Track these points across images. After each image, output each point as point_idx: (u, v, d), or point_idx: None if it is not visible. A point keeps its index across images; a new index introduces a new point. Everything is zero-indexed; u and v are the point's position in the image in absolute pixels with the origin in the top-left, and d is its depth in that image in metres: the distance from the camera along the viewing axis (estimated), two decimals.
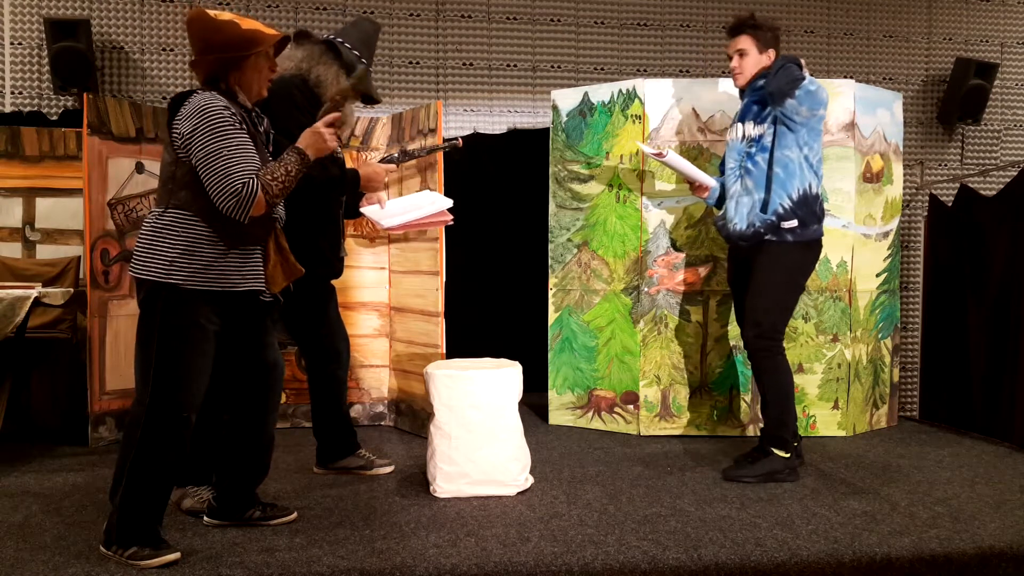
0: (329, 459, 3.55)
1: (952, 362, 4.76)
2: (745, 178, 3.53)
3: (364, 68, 3.32)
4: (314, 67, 3.22)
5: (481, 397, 3.20)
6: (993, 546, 2.66)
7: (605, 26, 5.22)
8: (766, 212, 3.45)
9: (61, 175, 4.63)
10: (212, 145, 2.43)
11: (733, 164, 3.61)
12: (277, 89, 3.13)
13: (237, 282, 2.54)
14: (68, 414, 4.30)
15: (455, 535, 2.73)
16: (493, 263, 5.55)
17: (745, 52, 3.54)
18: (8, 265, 4.50)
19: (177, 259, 2.46)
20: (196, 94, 2.51)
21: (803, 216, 3.46)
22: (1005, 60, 5.62)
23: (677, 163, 3.70)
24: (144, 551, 2.44)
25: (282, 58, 3.24)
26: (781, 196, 3.45)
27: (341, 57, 3.26)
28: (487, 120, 5.10)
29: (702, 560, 2.53)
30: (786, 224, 3.44)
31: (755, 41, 3.53)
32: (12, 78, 4.67)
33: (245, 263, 2.56)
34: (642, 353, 4.32)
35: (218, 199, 2.43)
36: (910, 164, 5.43)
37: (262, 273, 2.60)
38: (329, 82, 3.21)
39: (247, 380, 2.72)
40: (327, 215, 3.31)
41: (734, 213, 3.54)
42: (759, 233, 3.47)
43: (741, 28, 3.56)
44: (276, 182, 2.48)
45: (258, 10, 4.85)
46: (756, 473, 3.40)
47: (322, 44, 3.28)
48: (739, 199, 3.53)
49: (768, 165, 3.47)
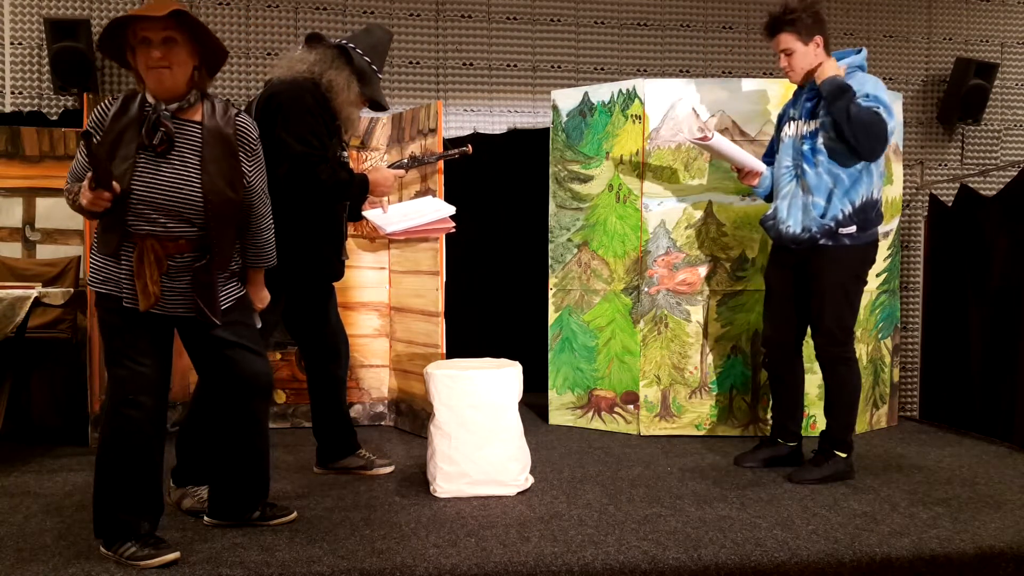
0: (329, 459, 3.55)
1: (952, 362, 4.76)
2: (802, 179, 3.37)
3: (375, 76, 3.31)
4: (326, 71, 3.20)
5: (481, 397, 3.20)
6: (993, 546, 2.66)
7: (605, 26, 5.22)
8: (825, 217, 3.32)
9: (61, 175, 4.54)
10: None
11: (789, 163, 3.43)
12: (289, 91, 3.14)
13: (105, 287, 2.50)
14: (68, 414, 4.30)
15: (455, 535, 2.73)
16: (493, 263, 5.55)
17: (791, 50, 3.34)
18: (8, 265, 4.50)
19: (92, 262, 2.55)
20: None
21: (861, 222, 3.34)
22: (1005, 60, 5.62)
23: (723, 147, 3.52)
24: (144, 551, 2.44)
25: (294, 60, 3.25)
26: (844, 203, 3.31)
27: (352, 63, 3.25)
28: (487, 120, 5.10)
29: (702, 560, 2.53)
30: (844, 230, 3.32)
31: (796, 35, 3.32)
32: (12, 78, 4.67)
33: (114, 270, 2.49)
34: (642, 353, 4.32)
35: None
36: (910, 164, 5.43)
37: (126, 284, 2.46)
38: (340, 87, 3.20)
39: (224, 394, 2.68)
40: (330, 218, 3.30)
41: (787, 215, 3.39)
42: (815, 238, 3.34)
43: (777, 26, 3.35)
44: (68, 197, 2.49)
45: (258, 10, 4.85)
46: (823, 475, 3.38)
47: (334, 49, 3.27)
48: (793, 200, 3.39)
49: (829, 170, 3.32)
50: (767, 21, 3.41)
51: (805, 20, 3.32)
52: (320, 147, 3.09)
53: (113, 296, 2.49)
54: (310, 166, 3.06)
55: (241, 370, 2.63)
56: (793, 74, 3.41)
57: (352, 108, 3.27)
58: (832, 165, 3.33)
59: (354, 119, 3.30)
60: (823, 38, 3.36)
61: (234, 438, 2.70)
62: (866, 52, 3.46)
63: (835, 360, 3.42)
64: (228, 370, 2.63)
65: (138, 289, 2.44)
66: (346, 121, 3.27)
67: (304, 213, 3.17)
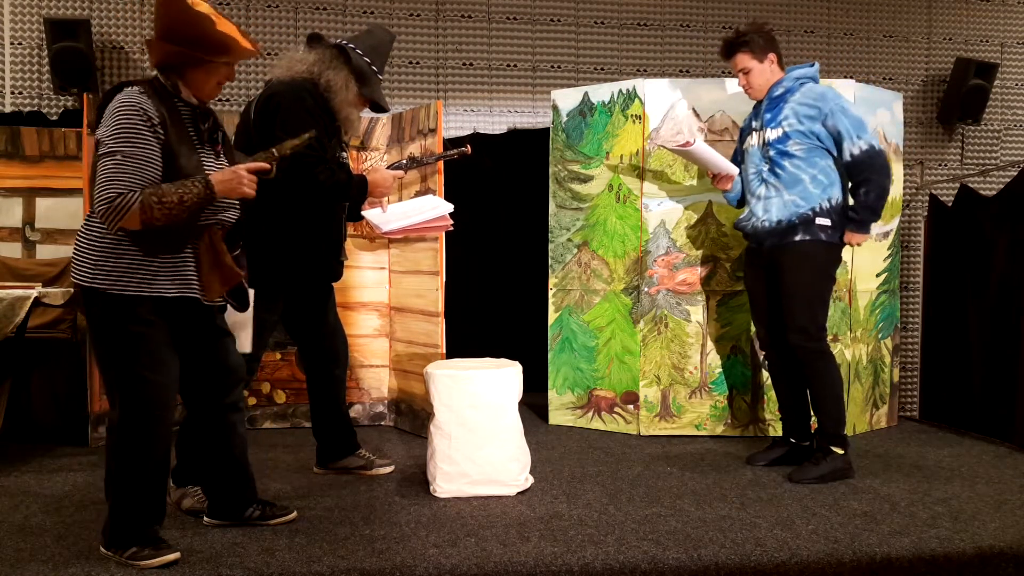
0: (329, 459, 3.55)
1: (952, 362, 4.76)
2: (772, 181, 3.50)
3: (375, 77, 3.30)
4: (324, 71, 3.19)
5: (481, 397, 3.20)
6: (993, 546, 2.66)
7: (605, 26, 5.22)
8: (802, 208, 3.43)
9: (61, 175, 4.62)
10: (112, 146, 2.32)
11: (754, 170, 3.58)
12: (288, 91, 3.13)
13: (166, 287, 2.43)
14: (68, 414, 4.30)
15: (455, 535, 2.73)
16: (493, 263, 5.55)
17: (748, 69, 3.54)
18: (8, 265, 4.50)
19: (102, 263, 2.38)
20: (122, 91, 2.40)
21: (836, 221, 3.46)
22: (1005, 60, 5.61)
23: (704, 153, 3.67)
24: (144, 551, 2.44)
25: (294, 60, 3.24)
26: (823, 196, 3.44)
27: (351, 63, 3.24)
28: (487, 120, 5.10)
29: (702, 560, 2.53)
30: (820, 221, 3.43)
31: (751, 54, 3.52)
32: (12, 78, 4.67)
33: (173, 268, 2.44)
34: (642, 353, 4.31)
35: (95, 202, 2.33)
36: (910, 164, 5.43)
37: (194, 279, 2.47)
38: (338, 87, 3.19)
39: (206, 385, 2.65)
40: (329, 218, 3.30)
41: (762, 211, 3.52)
42: (792, 226, 3.45)
43: (733, 49, 3.56)
44: (162, 205, 2.31)
45: (258, 10, 4.85)
46: (822, 473, 3.41)
47: (333, 48, 3.26)
48: (767, 199, 3.51)
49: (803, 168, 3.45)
50: (722, 46, 3.62)
51: (758, 41, 3.53)
52: (318, 148, 3.07)
53: (154, 298, 2.42)
54: (307, 167, 3.05)
55: (233, 361, 2.68)
56: (752, 91, 3.61)
57: (351, 109, 3.26)
58: (805, 164, 3.46)
59: (353, 119, 3.29)
60: (776, 55, 3.58)
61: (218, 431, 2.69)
62: (818, 66, 3.63)
63: (811, 355, 3.47)
64: (218, 359, 2.64)
65: (217, 278, 2.49)
66: (345, 121, 3.26)
67: (302, 214, 3.17)
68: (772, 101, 3.54)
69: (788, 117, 3.47)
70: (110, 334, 2.43)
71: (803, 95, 3.48)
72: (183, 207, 2.34)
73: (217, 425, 2.69)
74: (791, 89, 3.51)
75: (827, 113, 3.42)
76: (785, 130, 3.47)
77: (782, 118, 3.48)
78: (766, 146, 3.52)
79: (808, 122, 3.43)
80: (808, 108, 3.44)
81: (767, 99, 3.56)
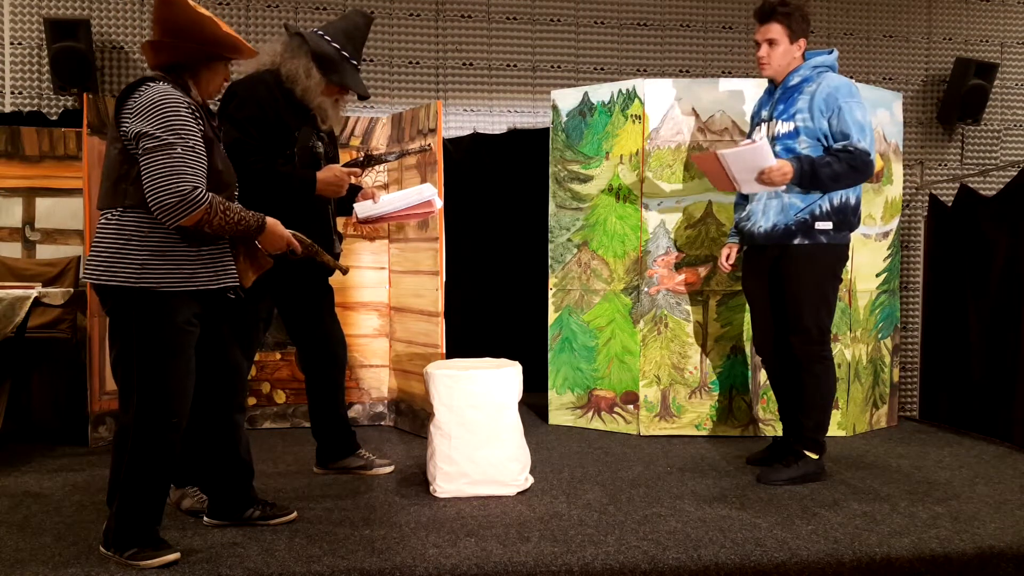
0: (329, 459, 3.55)
1: (952, 362, 4.76)
2: None
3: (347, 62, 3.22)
4: (285, 61, 3.16)
5: (481, 397, 3.20)
6: (993, 546, 2.66)
7: (605, 26, 5.22)
8: (801, 212, 3.33)
9: (61, 175, 4.63)
10: (167, 138, 2.29)
11: None
12: (243, 84, 3.12)
13: (210, 279, 2.46)
14: (68, 414, 4.30)
15: (455, 535, 2.73)
16: (493, 263, 5.54)
17: (775, 42, 3.34)
18: (8, 265, 4.50)
19: (149, 261, 2.35)
20: (149, 85, 2.38)
21: (838, 222, 3.36)
22: (1005, 60, 5.62)
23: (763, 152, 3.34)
24: (144, 551, 2.44)
25: (263, 53, 3.17)
26: (822, 200, 3.33)
27: (313, 50, 3.15)
28: (487, 120, 5.10)
29: (702, 560, 2.53)
30: (820, 225, 3.33)
31: (786, 30, 3.32)
32: (12, 78, 4.67)
33: (218, 260, 2.48)
34: (642, 353, 4.32)
35: (158, 194, 2.28)
36: (910, 164, 5.43)
37: (232, 268, 2.54)
38: (298, 76, 3.14)
39: (215, 381, 2.65)
40: (312, 214, 3.23)
41: (761, 214, 3.41)
42: (790, 231, 3.35)
43: (771, 13, 3.32)
44: (224, 216, 2.38)
45: (258, 10, 4.85)
46: (792, 476, 3.37)
47: (297, 37, 3.20)
48: (767, 200, 3.39)
49: None
50: (761, 5, 3.40)
51: (798, 18, 3.35)
52: (256, 137, 3.06)
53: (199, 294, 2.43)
54: (243, 154, 3.00)
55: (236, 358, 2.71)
56: (768, 68, 3.42)
57: (321, 97, 3.19)
58: None
59: (327, 108, 3.22)
60: (805, 43, 3.41)
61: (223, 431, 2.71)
62: (837, 53, 3.49)
63: (812, 358, 3.40)
64: (226, 358, 2.67)
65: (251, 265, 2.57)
66: (319, 110, 3.21)
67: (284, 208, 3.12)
68: (787, 91, 3.39)
69: (802, 111, 3.33)
70: (156, 333, 2.38)
71: (820, 87, 3.32)
72: (234, 228, 2.44)
73: (222, 425, 2.70)
74: (808, 79, 3.36)
75: (834, 110, 3.28)
76: (797, 125, 3.34)
77: (795, 111, 3.34)
78: (774, 140, 3.39)
79: (819, 118, 3.30)
80: (822, 102, 3.29)
81: (782, 88, 3.42)
